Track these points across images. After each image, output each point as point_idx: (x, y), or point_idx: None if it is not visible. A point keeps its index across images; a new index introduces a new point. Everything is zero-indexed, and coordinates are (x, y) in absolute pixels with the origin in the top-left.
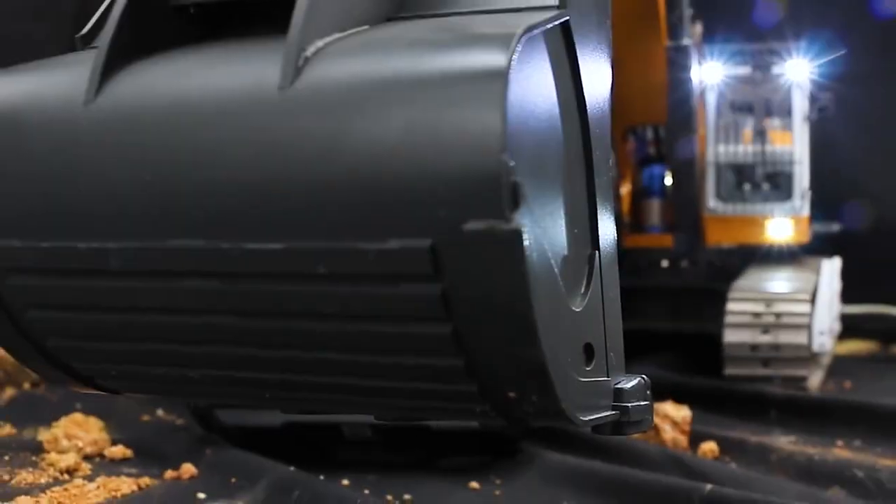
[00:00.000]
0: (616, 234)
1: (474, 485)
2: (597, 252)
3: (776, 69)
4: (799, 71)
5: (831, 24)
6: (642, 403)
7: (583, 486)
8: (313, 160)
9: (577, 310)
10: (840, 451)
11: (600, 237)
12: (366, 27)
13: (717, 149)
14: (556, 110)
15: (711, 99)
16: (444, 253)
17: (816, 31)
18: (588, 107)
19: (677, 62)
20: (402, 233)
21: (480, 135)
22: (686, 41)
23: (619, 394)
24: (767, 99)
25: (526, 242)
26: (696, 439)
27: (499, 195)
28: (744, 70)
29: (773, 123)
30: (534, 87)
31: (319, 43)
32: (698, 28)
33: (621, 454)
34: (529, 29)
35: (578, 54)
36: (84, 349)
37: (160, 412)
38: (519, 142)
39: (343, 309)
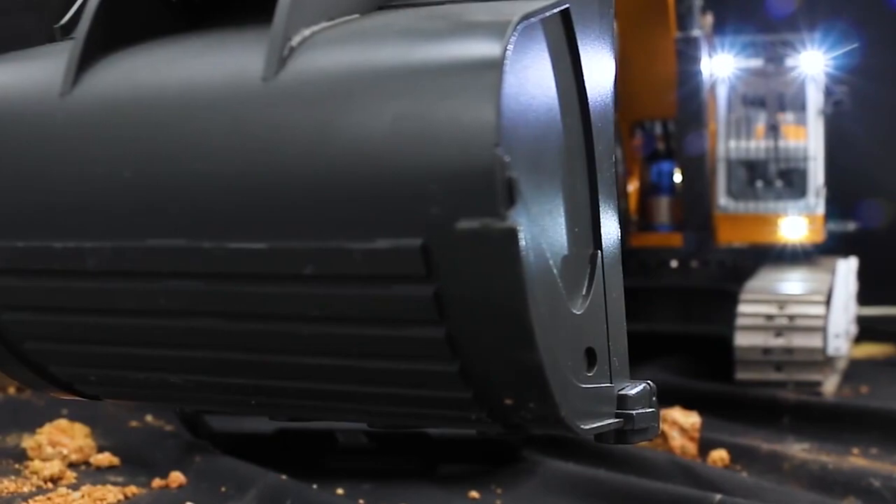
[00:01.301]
0: (620, 233)
1: (474, 494)
2: (599, 252)
3: (790, 61)
4: (813, 63)
5: (847, 15)
6: (648, 410)
7: (587, 496)
8: (298, 155)
9: (578, 312)
10: (856, 460)
11: (603, 236)
12: (355, 16)
13: (728, 144)
14: (555, 102)
15: (722, 92)
16: (437, 253)
17: (831, 22)
18: (590, 99)
19: (686, 54)
20: (392, 232)
21: (474, 128)
22: (696, 32)
23: (622, 400)
24: (781, 92)
25: (522, 242)
26: (705, 447)
27: (493, 192)
28: (756, 62)
29: (787, 118)
30: (531, 77)
31: (306, 32)
32: (709, 18)
33: (627, 462)
34: (526, 17)
35: (579, 44)
36: (62, 353)
37: (149, 418)
38: (515, 135)
39: (331, 311)
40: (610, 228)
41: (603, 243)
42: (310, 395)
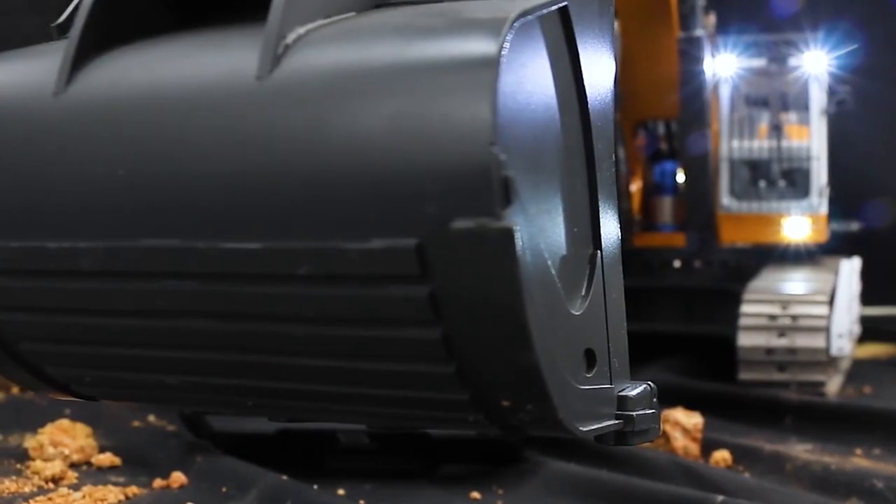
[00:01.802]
0: (619, 233)
1: (475, 494)
2: (599, 252)
3: (793, 61)
4: (816, 63)
5: (850, 15)
6: (648, 412)
7: (588, 497)
8: (292, 154)
9: (577, 313)
10: (859, 460)
11: (602, 236)
12: (352, 14)
13: (731, 144)
14: (554, 101)
15: (725, 92)
16: (432, 253)
17: (834, 22)
18: (589, 98)
19: (689, 54)
20: (388, 231)
21: (469, 126)
22: (699, 32)
23: (623, 402)
24: (784, 92)
25: (519, 242)
26: (707, 447)
27: (489, 191)
28: (759, 62)
29: (790, 118)
30: (528, 75)
31: (301, 30)
32: (712, 18)
33: (629, 463)
34: (524, 14)
35: (578, 42)
36: (57, 354)
37: (151, 418)
38: (512, 134)
39: (326, 312)
40: (610, 228)
41: (602, 243)
42: (306, 396)
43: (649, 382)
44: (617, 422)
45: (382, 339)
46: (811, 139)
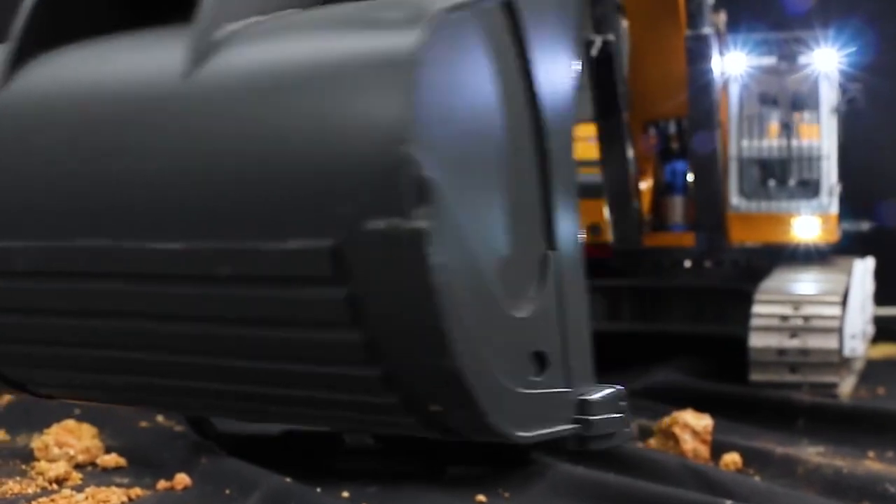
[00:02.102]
0: (579, 232)
1: (481, 497)
2: (551, 252)
3: (803, 59)
4: (827, 61)
5: (861, 12)
6: (613, 416)
7: (595, 500)
8: (211, 153)
9: (522, 315)
10: (871, 464)
11: (558, 236)
12: (292, 10)
13: (740, 143)
14: (493, 99)
15: (735, 91)
16: (348, 254)
17: (845, 19)
18: (542, 95)
19: (698, 52)
20: (304, 232)
21: (384, 124)
22: (707, 30)
23: (583, 405)
24: (794, 90)
25: (433, 243)
26: (717, 450)
27: (401, 190)
28: (769, 60)
29: (800, 116)
30: (460, 71)
31: (234, 27)
32: (721, 16)
33: (637, 466)
34: (455, 7)
35: (529, 37)
36: (5, 354)
37: (159, 418)
38: (435, 133)
39: (246, 313)
40: (566, 228)
41: (558, 243)
42: (242, 397)
43: (617, 385)
44: (572, 426)
45: (305, 341)
46: (822, 138)
